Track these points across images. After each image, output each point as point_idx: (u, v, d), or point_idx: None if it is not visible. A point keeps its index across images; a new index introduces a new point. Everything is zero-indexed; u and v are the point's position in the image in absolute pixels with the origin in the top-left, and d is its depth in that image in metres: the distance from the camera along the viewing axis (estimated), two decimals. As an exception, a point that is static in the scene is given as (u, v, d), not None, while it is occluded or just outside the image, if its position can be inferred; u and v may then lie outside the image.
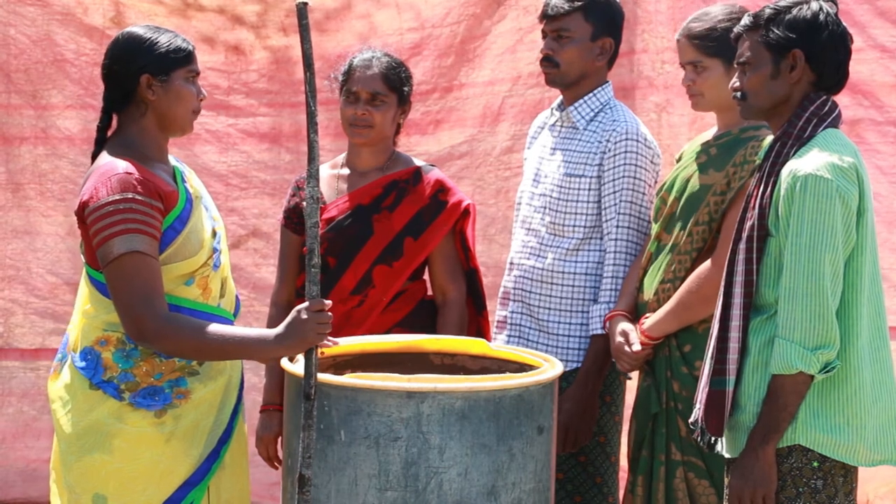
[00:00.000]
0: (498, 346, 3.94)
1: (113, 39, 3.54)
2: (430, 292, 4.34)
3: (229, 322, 3.56)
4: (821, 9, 3.33)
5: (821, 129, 3.33)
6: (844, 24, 3.38)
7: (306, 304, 3.28)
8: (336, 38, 5.57)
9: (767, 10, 3.37)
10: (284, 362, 3.51)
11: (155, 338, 3.33)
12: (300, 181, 4.38)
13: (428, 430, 3.27)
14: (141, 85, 3.45)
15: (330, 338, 3.46)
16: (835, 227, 3.23)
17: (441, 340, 3.89)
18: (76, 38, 5.59)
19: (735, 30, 3.45)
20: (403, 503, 3.28)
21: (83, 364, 3.43)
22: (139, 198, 3.33)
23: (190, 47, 3.51)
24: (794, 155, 3.31)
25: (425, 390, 3.28)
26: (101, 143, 3.52)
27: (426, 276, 4.34)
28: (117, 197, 3.33)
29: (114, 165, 3.38)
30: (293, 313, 3.30)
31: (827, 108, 3.35)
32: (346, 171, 4.34)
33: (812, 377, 3.24)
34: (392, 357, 3.79)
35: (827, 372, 3.25)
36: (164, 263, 3.40)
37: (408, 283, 4.26)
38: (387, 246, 4.22)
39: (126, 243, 3.31)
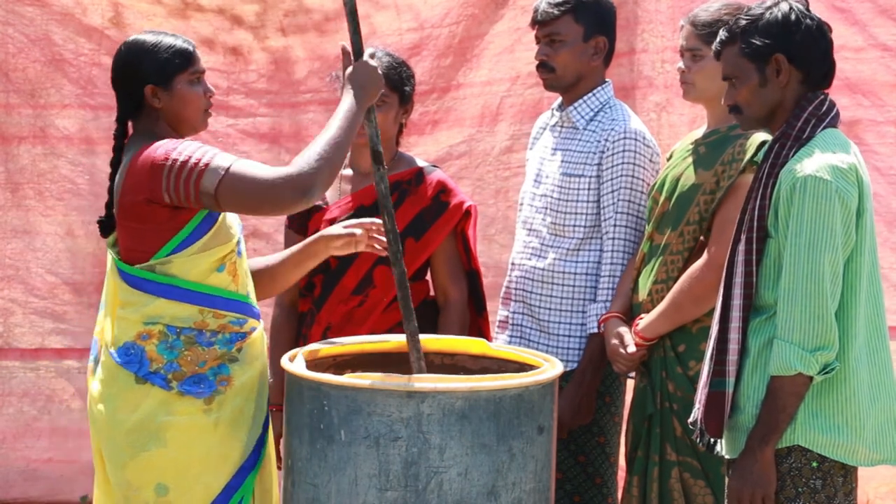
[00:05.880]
0: (498, 345, 3.94)
1: (117, 49, 3.58)
2: (432, 293, 4.34)
3: (256, 312, 3.58)
4: (791, 7, 3.32)
5: (819, 129, 3.32)
6: (818, 15, 3.35)
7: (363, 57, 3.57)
8: (335, 38, 5.56)
9: (741, 21, 3.35)
10: (284, 362, 3.52)
11: (310, 181, 3.37)
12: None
13: (428, 429, 3.28)
14: (146, 95, 3.51)
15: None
16: (834, 229, 3.23)
17: (441, 340, 3.89)
18: (74, 38, 5.59)
19: (714, 47, 3.44)
20: (404, 503, 3.29)
21: (126, 359, 3.44)
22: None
23: (190, 48, 3.55)
24: (793, 156, 3.30)
25: (425, 390, 3.28)
26: (121, 150, 3.57)
27: (428, 277, 4.34)
28: (189, 140, 3.46)
29: (156, 143, 3.44)
30: (352, 69, 3.54)
31: (825, 107, 3.34)
32: (349, 171, 4.34)
33: (811, 378, 3.24)
34: (392, 357, 3.79)
35: (826, 373, 3.24)
36: (204, 249, 3.45)
37: (409, 283, 4.25)
38: (388, 247, 4.22)
39: (225, 158, 3.38)
